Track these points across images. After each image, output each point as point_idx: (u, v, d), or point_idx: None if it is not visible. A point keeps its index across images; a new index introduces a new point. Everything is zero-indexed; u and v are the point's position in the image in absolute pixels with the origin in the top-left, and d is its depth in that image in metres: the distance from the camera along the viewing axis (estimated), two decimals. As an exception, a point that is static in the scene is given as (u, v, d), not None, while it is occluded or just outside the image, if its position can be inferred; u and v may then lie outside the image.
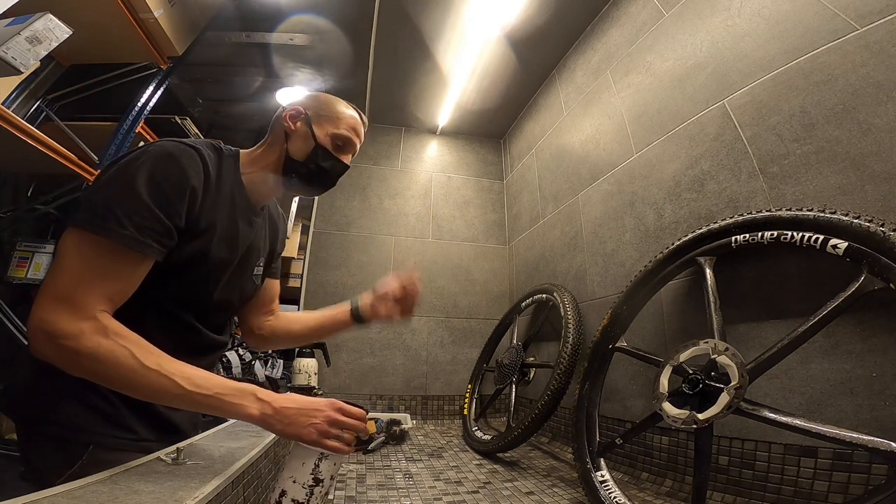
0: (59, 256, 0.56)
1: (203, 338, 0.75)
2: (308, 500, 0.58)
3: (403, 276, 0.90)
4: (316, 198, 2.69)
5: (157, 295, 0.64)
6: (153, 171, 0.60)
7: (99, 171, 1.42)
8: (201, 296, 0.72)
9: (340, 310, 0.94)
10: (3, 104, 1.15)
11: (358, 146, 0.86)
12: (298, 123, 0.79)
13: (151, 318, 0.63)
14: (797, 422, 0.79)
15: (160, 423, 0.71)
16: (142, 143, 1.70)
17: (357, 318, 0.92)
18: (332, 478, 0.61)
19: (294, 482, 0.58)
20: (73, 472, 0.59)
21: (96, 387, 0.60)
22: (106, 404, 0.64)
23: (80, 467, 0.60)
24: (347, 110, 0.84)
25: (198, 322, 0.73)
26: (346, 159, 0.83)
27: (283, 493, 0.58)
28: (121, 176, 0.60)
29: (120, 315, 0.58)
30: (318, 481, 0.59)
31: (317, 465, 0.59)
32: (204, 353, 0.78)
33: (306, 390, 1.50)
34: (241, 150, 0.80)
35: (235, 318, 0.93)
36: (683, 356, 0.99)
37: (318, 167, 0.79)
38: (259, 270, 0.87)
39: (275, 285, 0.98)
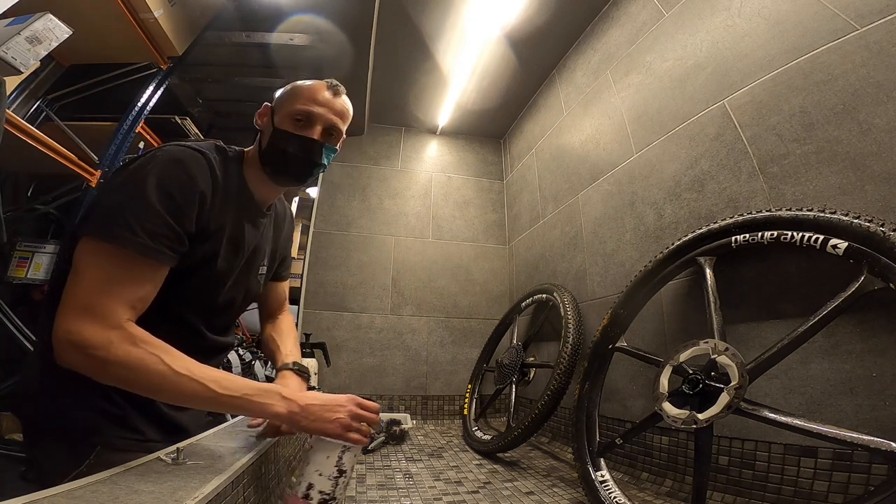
0: (76, 267, 0.57)
1: (209, 340, 0.76)
2: (334, 491, 0.62)
3: None
4: (316, 198, 2.69)
5: (166, 299, 0.65)
6: (162, 177, 0.60)
7: (99, 171, 1.42)
8: (208, 298, 0.73)
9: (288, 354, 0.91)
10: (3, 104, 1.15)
11: (326, 114, 0.76)
12: (265, 119, 0.78)
13: (160, 323, 0.63)
14: (797, 422, 0.79)
15: (166, 423, 0.71)
16: (142, 144, 1.71)
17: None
18: (352, 468, 0.65)
19: (320, 475, 0.62)
20: (80, 471, 0.59)
21: (103, 388, 0.61)
22: (112, 406, 0.65)
23: (88, 467, 0.60)
24: (306, 84, 0.77)
25: (204, 325, 0.74)
26: (313, 133, 0.75)
27: (310, 486, 0.61)
28: (130, 183, 0.60)
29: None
30: (341, 472, 0.63)
31: (340, 458, 0.63)
32: (210, 356, 0.78)
33: (306, 390, 1.50)
34: (244, 150, 0.80)
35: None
36: (683, 356, 0.99)
37: (281, 151, 0.74)
38: (263, 270, 0.87)
39: (279, 290, 0.99)
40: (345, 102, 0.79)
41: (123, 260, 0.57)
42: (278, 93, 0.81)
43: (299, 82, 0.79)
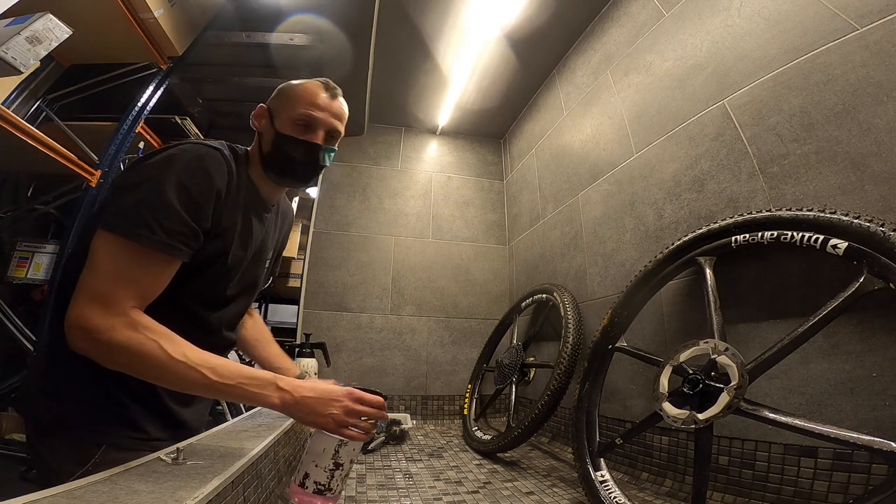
0: (91, 258, 0.58)
1: (217, 337, 0.77)
2: (329, 482, 0.63)
3: None
4: (316, 198, 2.69)
5: (178, 292, 0.66)
6: (181, 175, 0.62)
7: (99, 171, 1.42)
8: (218, 292, 0.74)
9: (288, 369, 0.97)
10: (3, 104, 1.15)
11: (327, 118, 0.77)
12: (263, 121, 0.80)
13: (172, 316, 0.64)
14: (797, 422, 0.79)
15: (171, 422, 0.72)
16: (142, 144, 1.71)
17: None
18: (351, 461, 0.65)
19: (316, 466, 0.63)
20: (86, 470, 0.60)
21: (108, 388, 0.63)
22: (117, 405, 0.65)
23: (93, 466, 0.61)
24: (302, 86, 0.78)
25: (214, 320, 0.75)
26: (316, 137, 0.77)
27: (306, 476, 0.62)
28: (149, 179, 0.61)
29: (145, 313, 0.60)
30: (338, 465, 0.63)
31: (336, 452, 0.63)
32: (218, 353, 0.78)
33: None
34: (247, 149, 0.82)
35: None
36: (683, 356, 0.99)
37: (286, 156, 0.76)
38: (268, 265, 0.89)
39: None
40: (342, 104, 0.81)
41: (139, 255, 0.58)
42: (274, 93, 0.82)
43: (294, 83, 0.80)
